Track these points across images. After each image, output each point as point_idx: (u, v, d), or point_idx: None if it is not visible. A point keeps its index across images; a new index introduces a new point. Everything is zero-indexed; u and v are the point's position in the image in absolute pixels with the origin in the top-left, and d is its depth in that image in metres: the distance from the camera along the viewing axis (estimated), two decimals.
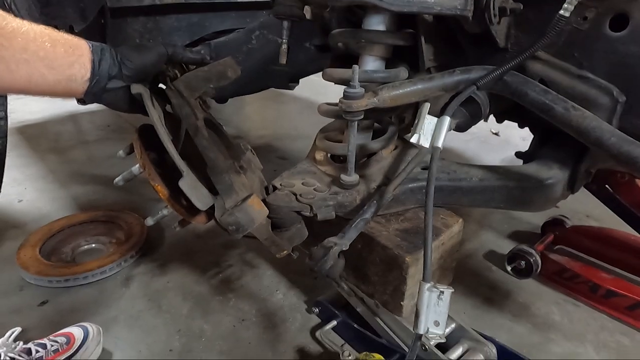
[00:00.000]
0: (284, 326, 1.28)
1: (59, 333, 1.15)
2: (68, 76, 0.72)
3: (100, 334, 1.17)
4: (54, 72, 0.71)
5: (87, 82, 0.75)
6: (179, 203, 0.88)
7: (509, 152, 2.50)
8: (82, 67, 0.74)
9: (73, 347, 1.11)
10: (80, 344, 1.12)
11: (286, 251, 0.97)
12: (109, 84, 0.78)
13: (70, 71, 0.72)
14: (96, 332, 1.16)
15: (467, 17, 0.83)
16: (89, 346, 1.13)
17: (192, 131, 0.85)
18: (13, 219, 1.78)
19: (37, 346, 1.08)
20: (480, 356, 1.05)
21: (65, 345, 1.10)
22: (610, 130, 0.77)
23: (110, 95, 0.80)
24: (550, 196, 0.94)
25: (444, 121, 0.84)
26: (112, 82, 0.79)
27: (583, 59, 0.86)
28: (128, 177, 0.88)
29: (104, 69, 0.76)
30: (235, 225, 0.86)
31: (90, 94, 0.77)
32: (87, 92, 0.76)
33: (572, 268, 1.41)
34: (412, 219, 1.07)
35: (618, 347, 1.24)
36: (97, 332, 1.17)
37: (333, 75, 0.98)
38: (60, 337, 1.13)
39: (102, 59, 0.76)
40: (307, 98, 3.31)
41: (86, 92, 0.76)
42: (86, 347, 1.12)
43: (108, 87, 0.78)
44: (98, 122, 2.87)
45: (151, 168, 0.85)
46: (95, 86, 0.76)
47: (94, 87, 0.76)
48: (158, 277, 1.47)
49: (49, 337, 1.12)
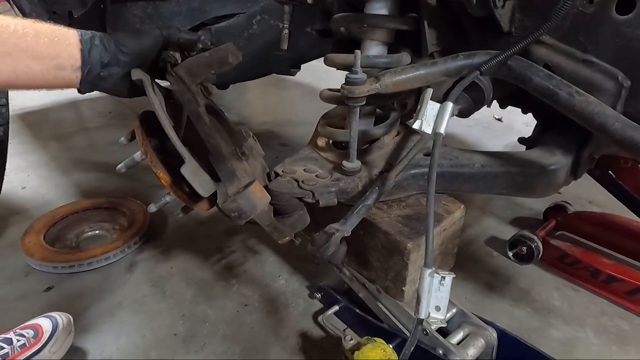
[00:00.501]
0: (286, 311, 1.29)
1: (25, 325, 1.08)
2: (55, 65, 0.72)
3: (71, 323, 1.12)
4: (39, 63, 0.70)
5: (79, 71, 0.75)
6: (181, 190, 0.88)
7: (512, 138, 2.49)
8: (71, 57, 0.73)
9: (41, 340, 1.04)
10: (49, 337, 1.05)
11: (288, 237, 0.98)
12: (102, 71, 0.77)
13: (57, 61, 0.72)
14: (66, 321, 1.11)
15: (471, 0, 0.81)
16: (58, 337, 1.06)
17: (193, 117, 0.85)
18: (17, 205, 1.79)
19: (2, 342, 1.01)
20: (481, 341, 1.06)
21: (32, 339, 1.04)
22: (614, 116, 0.76)
23: (107, 82, 0.80)
24: (553, 182, 0.94)
25: (447, 107, 0.83)
26: (107, 70, 0.78)
27: (588, 43, 0.84)
28: (130, 163, 0.88)
29: (94, 57, 0.75)
30: (238, 211, 0.86)
31: (86, 82, 0.77)
32: (82, 81, 0.76)
33: (573, 254, 1.42)
34: (414, 205, 1.07)
35: (618, 331, 1.25)
36: (68, 322, 1.11)
37: (335, 60, 0.97)
38: (27, 329, 1.06)
39: (92, 47, 0.75)
40: (309, 84, 3.29)
41: (81, 81, 0.76)
42: (55, 339, 1.06)
43: (102, 74, 0.78)
44: (99, 109, 2.86)
45: (153, 155, 0.85)
46: (88, 75, 0.76)
47: (87, 75, 0.76)
48: (161, 263, 1.48)
49: (15, 330, 1.06)
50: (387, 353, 0.92)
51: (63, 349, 1.09)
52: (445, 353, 1.00)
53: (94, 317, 1.26)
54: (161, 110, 0.82)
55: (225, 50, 0.88)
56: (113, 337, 1.20)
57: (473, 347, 1.04)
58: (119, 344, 1.18)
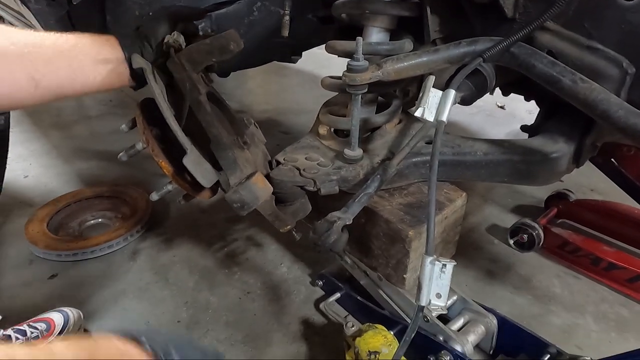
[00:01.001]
0: (288, 298, 1.31)
1: (38, 318, 1.11)
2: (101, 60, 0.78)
3: (81, 319, 1.14)
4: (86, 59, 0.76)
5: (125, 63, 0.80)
6: (183, 179, 0.88)
7: (515, 126, 2.48)
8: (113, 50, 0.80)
9: (53, 334, 1.07)
10: (61, 330, 1.08)
11: (290, 226, 0.98)
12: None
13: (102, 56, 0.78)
14: (77, 317, 1.13)
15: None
16: (69, 332, 1.09)
17: (194, 106, 0.85)
18: (20, 194, 1.80)
19: (16, 333, 1.04)
20: (481, 327, 1.07)
21: (45, 332, 1.06)
22: (618, 103, 0.75)
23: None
24: (556, 170, 0.93)
25: (449, 94, 0.83)
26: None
27: (593, 29, 0.83)
28: (132, 152, 0.88)
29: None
30: (240, 202, 0.86)
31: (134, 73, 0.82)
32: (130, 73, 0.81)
33: (574, 241, 1.42)
34: (415, 193, 1.07)
35: (617, 318, 1.26)
36: (78, 318, 1.13)
37: (336, 47, 0.96)
38: (40, 322, 1.08)
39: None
40: (310, 71, 3.26)
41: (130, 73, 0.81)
42: (66, 334, 1.08)
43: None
44: (99, 97, 2.85)
45: (155, 144, 0.85)
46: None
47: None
48: (164, 251, 1.49)
49: (29, 323, 1.08)
50: (388, 339, 0.93)
51: None
52: (445, 339, 1.01)
53: (98, 304, 1.27)
54: (162, 99, 0.81)
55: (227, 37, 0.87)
56: (117, 324, 1.21)
57: (473, 334, 1.05)
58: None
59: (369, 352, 0.90)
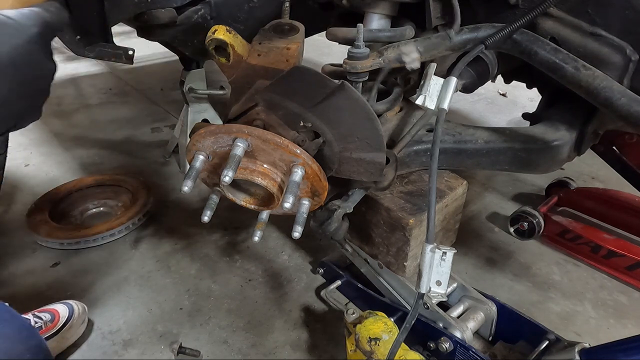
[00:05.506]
0: (289, 286, 1.32)
1: (43, 309, 1.12)
2: None
3: (85, 312, 1.15)
4: None
5: None
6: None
7: (516, 114, 2.47)
8: None
9: (57, 324, 1.07)
10: (65, 322, 1.09)
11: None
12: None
13: None
14: (81, 310, 1.14)
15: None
16: (73, 324, 1.10)
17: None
18: (21, 183, 1.80)
19: None
20: (481, 314, 1.08)
21: (49, 322, 1.07)
22: (620, 91, 0.75)
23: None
24: (557, 158, 0.93)
25: (451, 82, 0.82)
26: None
27: (597, 16, 0.82)
28: (213, 206, 0.89)
29: None
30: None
31: None
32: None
33: (574, 229, 1.42)
34: (416, 181, 1.07)
35: (616, 305, 1.27)
36: (83, 311, 1.14)
37: (337, 34, 0.95)
38: (45, 313, 1.09)
39: None
40: (311, 59, 3.23)
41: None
42: (70, 326, 1.09)
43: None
44: (99, 86, 2.83)
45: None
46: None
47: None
48: (166, 239, 1.50)
49: (34, 313, 1.09)
50: (388, 326, 0.94)
51: (76, 336, 1.12)
52: (445, 326, 1.02)
53: (100, 292, 1.28)
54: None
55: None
56: (120, 311, 1.22)
57: (473, 321, 1.06)
58: (126, 317, 1.21)
59: (370, 338, 0.91)
